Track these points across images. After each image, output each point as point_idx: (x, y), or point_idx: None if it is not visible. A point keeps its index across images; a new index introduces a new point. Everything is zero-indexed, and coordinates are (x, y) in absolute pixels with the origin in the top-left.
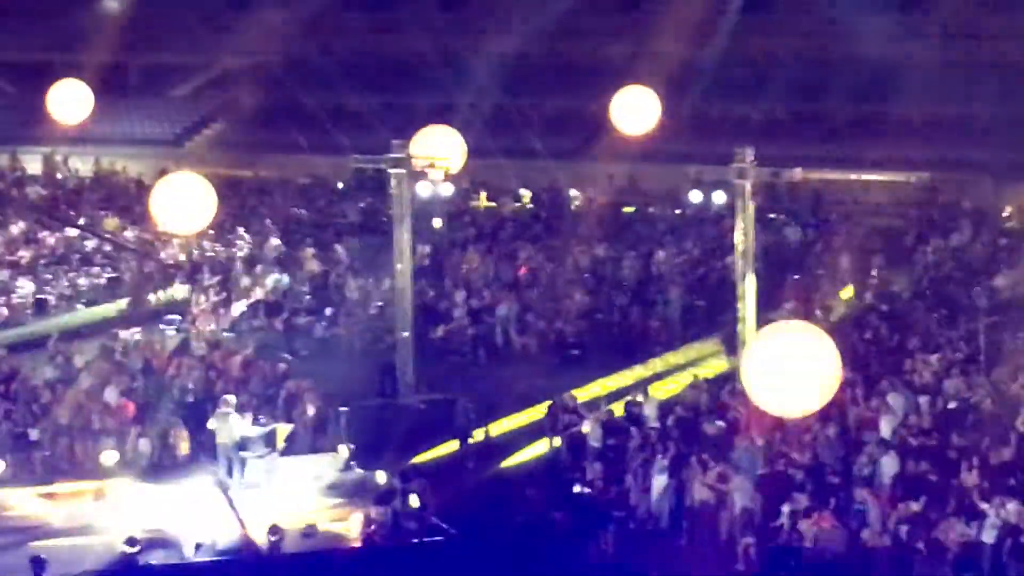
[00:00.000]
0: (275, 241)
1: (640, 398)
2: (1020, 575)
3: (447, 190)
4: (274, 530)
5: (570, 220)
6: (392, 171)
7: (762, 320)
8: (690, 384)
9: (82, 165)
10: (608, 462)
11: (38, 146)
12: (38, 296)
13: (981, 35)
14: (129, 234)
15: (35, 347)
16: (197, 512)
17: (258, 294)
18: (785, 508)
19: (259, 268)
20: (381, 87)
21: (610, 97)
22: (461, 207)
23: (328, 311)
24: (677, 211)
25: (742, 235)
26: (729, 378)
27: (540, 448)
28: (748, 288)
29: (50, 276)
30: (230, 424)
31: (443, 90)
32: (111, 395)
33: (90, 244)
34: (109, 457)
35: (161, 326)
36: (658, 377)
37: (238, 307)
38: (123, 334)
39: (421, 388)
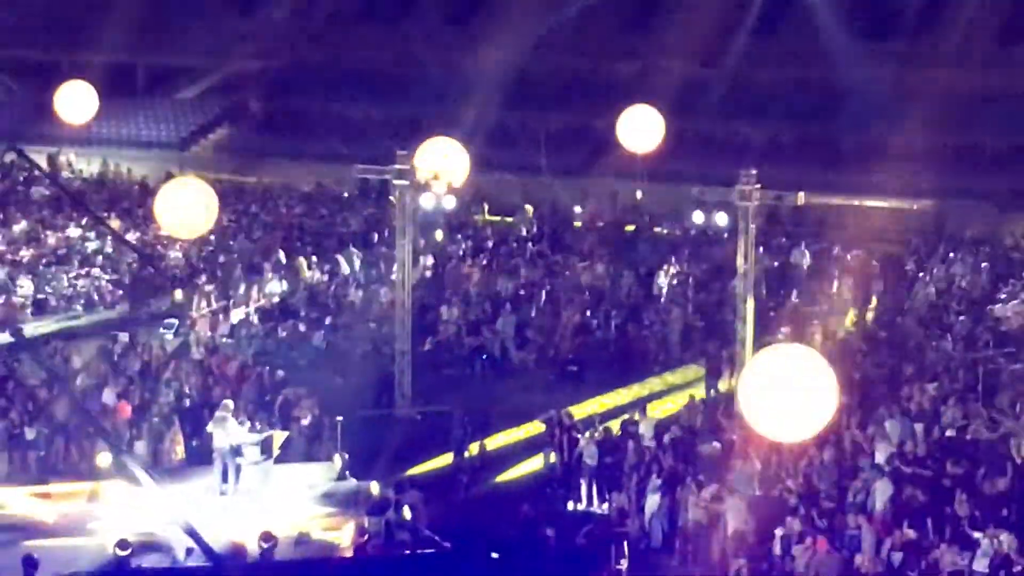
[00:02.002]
0: (276, 248)
1: (637, 416)
2: None
3: (450, 203)
4: (266, 537)
5: (572, 237)
6: (395, 182)
7: (761, 343)
8: (687, 404)
9: (87, 166)
10: (603, 480)
11: (43, 145)
12: (38, 296)
13: (987, 65)
14: (131, 236)
15: (33, 346)
16: (190, 517)
17: (258, 301)
18: (779, 532)
19: (260, 275)
20: (386, 98)
21: (616, 115)
22: (463, 220)
23: (327, 320)
24: (679, 231)
25: (743, 257)
26: (726, 400)
27: (535, 464)
28: (748, 310)
29: (49, 276)
30: (226, 429)
31: (448, 103)
32: (108, 396)
33: (91, 245)
34: (104, 459)
35: (160, 329)
36: (655, 396)
37: (237, 313)
38: (121, 336)
39: (417, 400)
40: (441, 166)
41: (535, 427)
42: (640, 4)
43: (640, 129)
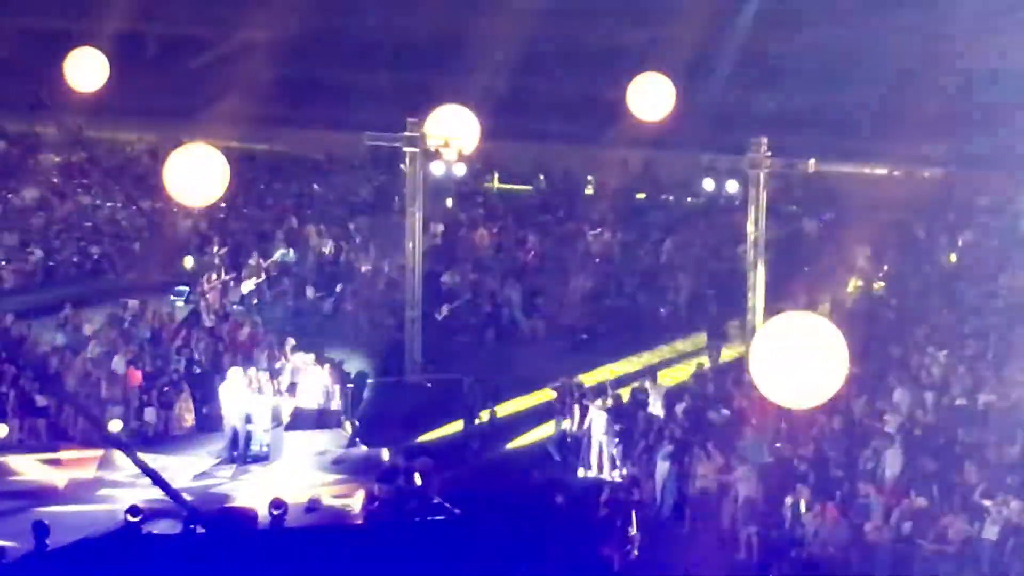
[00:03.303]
0: (287, 217)
1: (647, 385)
2: (1021, 574)
3: (460, 170)
4: (277, 504)
5: (582, 205)
6: (406, 149)
7: (771, 311)
8: (696, 372)
9: (97, 133)
10: (613, 448)
11: (53, 113)
12: (48, 263)
13: (1001, 33)
14: (142, 205)
15: (44, 314)
16: (201, 483)
17: (268, 269)
18: (788, 500)
19: (269, 242)
20: (397, 65)
21: (626, 83)
22: (473, 188)
23: (337, 288)
24: (690, 199)
25: (754, 225)
26: (736, 367)
27: (545, 431)
28: (758, 278)
29: (60, 244)
30: (237, 396)
31: (459, 71)
32: (118, 364)
33: (101, 213)
34: (114, 425)
35: (170, 296)
36: (666, 364)
37: (248, 281)
38: (132, 303)
39: (428, 367)
40: (451, 134)
41: (545, 395)
42: None
43: (651, 97)
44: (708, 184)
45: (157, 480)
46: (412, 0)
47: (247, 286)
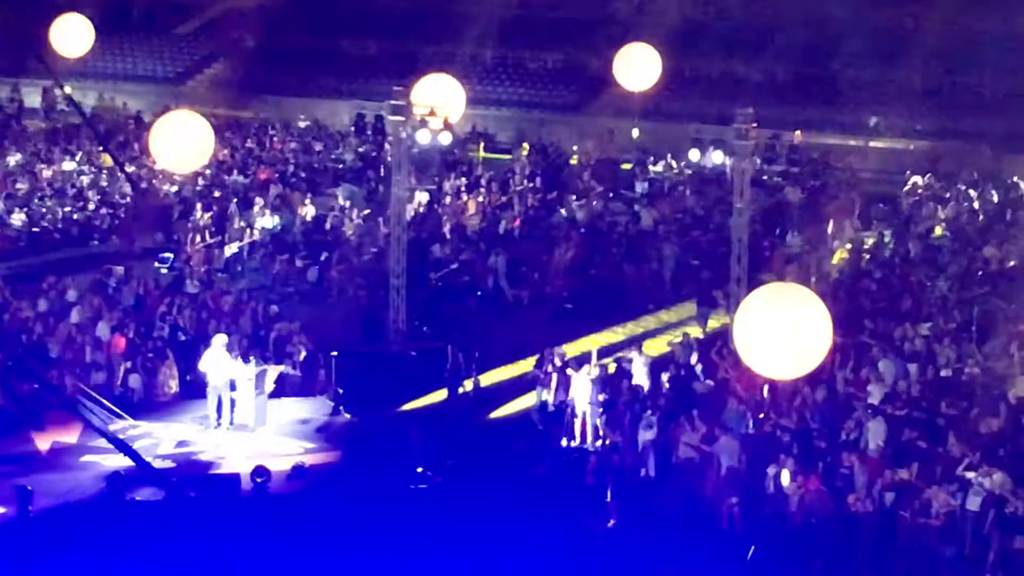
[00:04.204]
0: (271, 183)
1: (631, 354)
2: (1003, 545)
3: (446, 139)
4: (260, 471)
5: (568, 174)
6: (391, 118)
7: (755, 281)
8: (681, 342)
9: (82, 100)
10: (596, 417)
11: (39, 79)
12: (32, 229)
13: (987, 6)
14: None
15: (28, 280)
16: (184, 450)
17: (253, 235)
18: (771, 470)
19: (254, 209)
20: (384, 34)
21: (613, 53)
22: (459, 157)
23: (323, 255)
24: (675, 169)
25: (739, 195)
26: (720, 337)
27: (529, 400)
28: (743, 248)
29: (44, 210)
30: (221, 363)
31: (445, 39)
32: (103, 330)
33: (86, 179)
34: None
35: (155, 263)
36: (650, 334)
37: (232, 247)
38: (116, 269)
39: (412, 336)
40: (437, 102)
41: (529, 364)
42: None
43: (637, 67)
44: (694, 154)
45: (121, 446)
46: None
47: (231, 250)
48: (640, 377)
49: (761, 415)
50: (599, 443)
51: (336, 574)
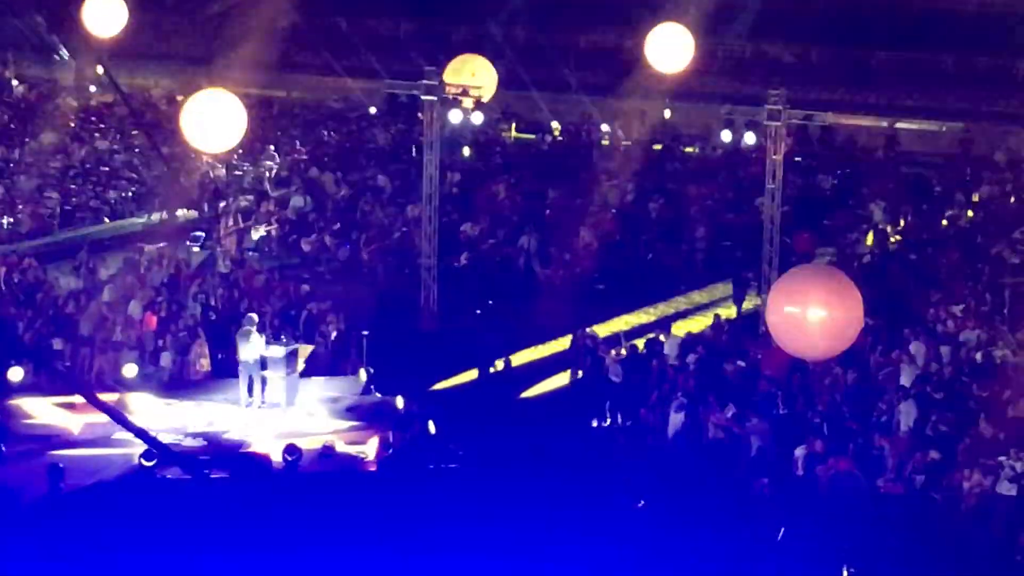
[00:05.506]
0: (304, 163)
1: (662, 336)
2: None
3: (478, 119)
4: (291, 449)
5: (599, 155)
6: (424, 97)
7: (787, 263)
8: (712, 323)
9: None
10: (627, 397)
11: (72, 58)
12: (65, 207)
13: None
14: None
15: (61, 258)
16: (215, 429)
17: (285, 215)
18: (801, 451)
19: (286, 189)
20: (416, 13)
21: (645, 34)
22: (491, 137)
23: (353, 235)
24: (708, 150)
25: (771, 177)
26: (751, 319)
27: (560, 380)
28: (775, 230)
29: (76, 188)
30: (252, 342)
31: (478, 19)
32: (134, 308)
33: (119, 157)
34: (130, 370)
35: (187, 242)
36: (681, 315)
37: (263, 227)
38: (148, 248)
39: (443, 316)
40: (470, 82)
41: (560, 344)
42: None
43: (670, 48)
44: (726, 136)
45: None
46: None
47: (263, 229)
48: (671, 358)
49: (792, 396)
50: (629, 423)
51: (365, 553)
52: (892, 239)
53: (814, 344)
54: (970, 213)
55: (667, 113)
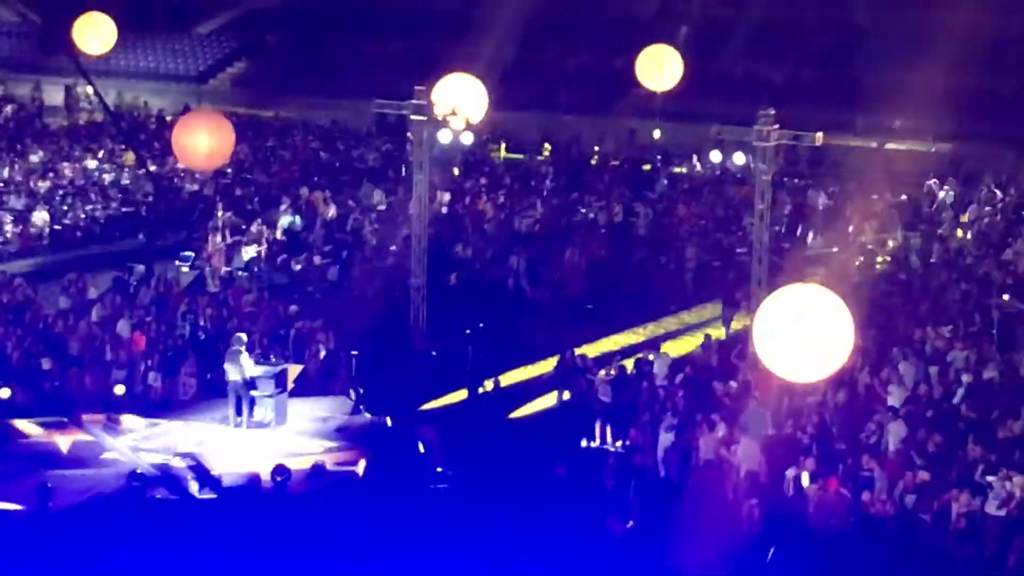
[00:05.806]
0: (293, 183)
1: (651, 356)
2: (1023, 548)
3: (467, 139)
4: (280, 470)
5: (589, 175)
6: (413, 117)
7: (776, 283)
8: (702, 344)
9: (104, 98)
10: (616, 418)
11: (61, 77)
12: (54, 226)
13: (1010, 8)
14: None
15: (50, 277)
16: (204, 449)
17: (273, 234)
18: (790, 472)
19: (275, 208)
20: (405, 33)
21: (635, 54)
22: (480, 157)
23: (343, 255)
24: (697, 170)
25: (760, 197)
26: (741, 340)
27: (549, 401)
28: (764, 250)
29: (66, 207)
30: (240, 362)
31: (467, 39)
32: (123, 328)
33: (108, 177)
34: (119, 390)
35: (176, 261)
36: (670, 335)
37: (253, 247)
38: (137, 268)
39: (432, 336)
40: (459, 102)
41: (549, 364)
42: None
43: (659, 68)
44: (715, 156)
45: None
46: None
47: (252, 249)
48: (660, 378)
49: (781, 417)
50: (619, 444)
51: (355, 573)
52: (880, 259)
53: (803, 366)
54: (960, 233)
55: (657, 133)
